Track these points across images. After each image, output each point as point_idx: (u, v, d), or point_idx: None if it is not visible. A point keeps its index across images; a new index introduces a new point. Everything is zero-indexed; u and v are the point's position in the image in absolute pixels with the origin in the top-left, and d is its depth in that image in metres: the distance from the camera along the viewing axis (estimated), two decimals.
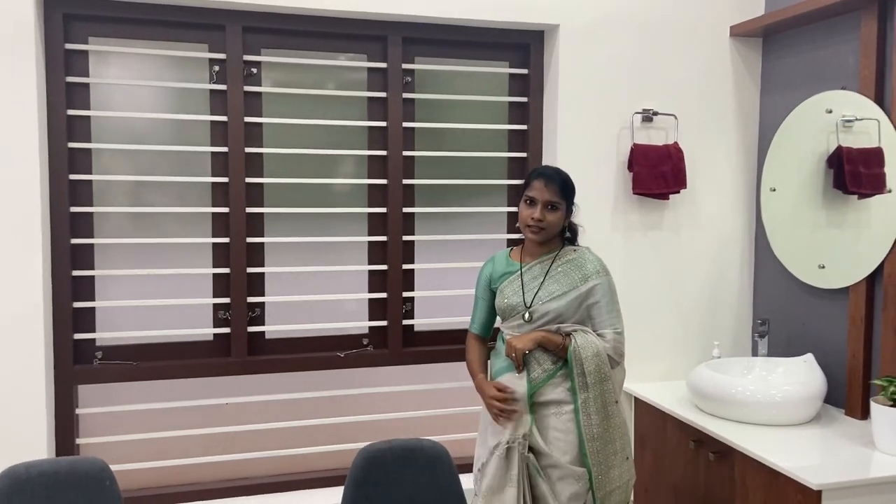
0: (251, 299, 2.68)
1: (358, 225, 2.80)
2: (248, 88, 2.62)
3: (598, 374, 2.11)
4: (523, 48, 2.90)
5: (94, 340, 2.58)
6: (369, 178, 2.78)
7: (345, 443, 2.77)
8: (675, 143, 2.86)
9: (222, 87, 2.59)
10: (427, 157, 2.84)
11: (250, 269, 2.66)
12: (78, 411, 2.56)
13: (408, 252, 2.84)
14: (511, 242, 2.93)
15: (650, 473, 2.77)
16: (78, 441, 2.56)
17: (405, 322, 2.84)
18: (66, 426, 2.51)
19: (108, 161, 2.58)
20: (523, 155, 2.93)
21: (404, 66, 2.76)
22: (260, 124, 2.65)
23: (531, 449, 2.12)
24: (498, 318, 2.36)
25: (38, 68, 2.33)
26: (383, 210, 2.78)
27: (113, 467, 1.83)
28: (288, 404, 2.76)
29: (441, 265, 2.88)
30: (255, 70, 2.64)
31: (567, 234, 2.32)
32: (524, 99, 2.91)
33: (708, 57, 2.93)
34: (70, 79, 2.47)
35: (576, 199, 2.28)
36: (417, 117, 2.82)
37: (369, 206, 2.80)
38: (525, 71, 2.90)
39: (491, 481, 2.14)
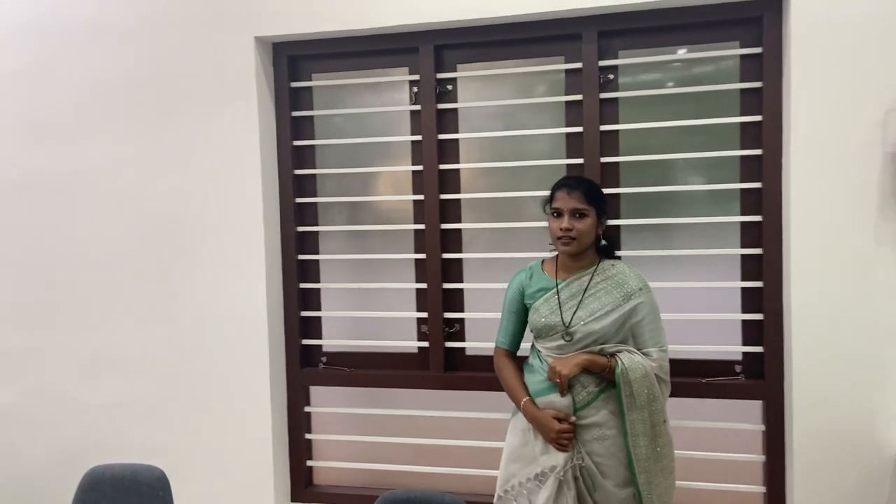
0: (449, 314, 2.69)
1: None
2: (441, 106, 2.64)
3: (648, 395, 2.01)
4: (750, 22, 2.39)
5: (320, 346, 2.86)
6: None
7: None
8: None
9: (416, 107, 2.66)
10: (635, 161, 2.53)
11: (447, 285, 2.68)
12: (308, 409, 2.87)
13: None
14: (745, 257, 2.45)
15: None
16: (309, 436, 2.88)
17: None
18: (296, 423, 2.84)
19: (335, 184, 2.84)
20: (757, 152, 2.41)
21: (602, 63, 2.49)
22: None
23: (581, 472, 2.05)
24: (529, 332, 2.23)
25: (261, 106, 2.67)
26: None
27: (325, 463, 1.99)
28: (486, 423, 2.70)
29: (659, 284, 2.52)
30: (449, 87, 2.65)
31: (602, 244, 2.18)
32: (758, 84, 2.39)
33: None
34: (295, 113, 2.78)
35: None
36: (623, 118, 2.52)
37: None
38: (758, 50, 2.38)
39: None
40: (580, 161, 2.53)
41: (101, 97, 2.77)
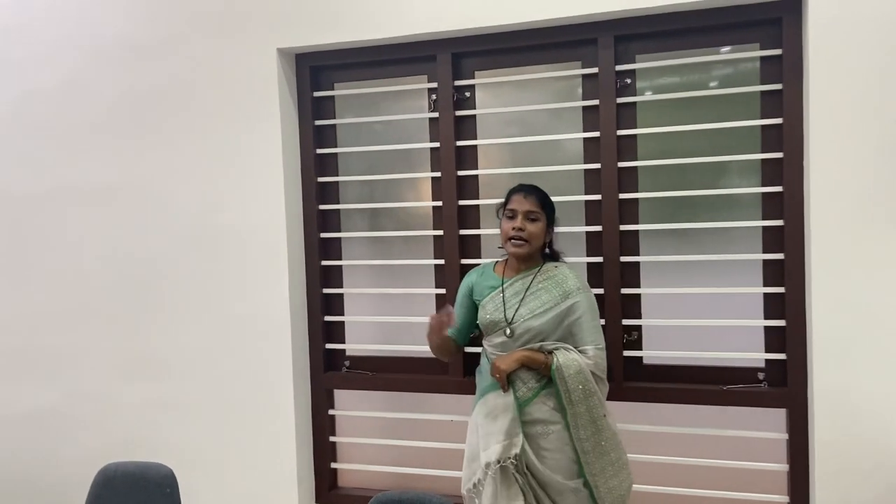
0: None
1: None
2: (458, 113, 2.67)
3: (584, 391, 2.09)
4: (770, 24, 2.35)
5: (343, 350, 2.91)
6: (587, 193, 2.57)
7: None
8: None
9: (435, 114, 2.70)
10: (657, 166, 2.51)
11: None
12: (332, 412, 2.93)
13: (632, 274, 2.54)
14: (767, 262, 2.41)
15: None
16: (333, 439, 2.93)
17: (627, 353, 2.54)
18: (320, 425, 2.89)
19: (358, 190, 2.89)
20: (778, 155, 2.37)
21: (619, 67, 2.48)
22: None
23: (527, 467, 2.12)
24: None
25: (284, 115, 2.74)
26: (598, 228, 2.54)
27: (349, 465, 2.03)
28: None
29: (678, 290, 2.50)
30: (467, 94, 2.67)
31: (547, 251, 2.29)
32: (778, 86, 2.35)
33: None
34: (318, 122, 2.84)
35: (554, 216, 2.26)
36: (641, 122, 2.51)
37: (586, 223, 2.58)
38: (778, 52, 2.35)
39: (491, 501, 2.12)
40: (597, 166, 2.52)
41: (131, 110, 2.88)
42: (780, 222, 2.39)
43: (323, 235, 2.87)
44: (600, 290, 2.53)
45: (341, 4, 2.62)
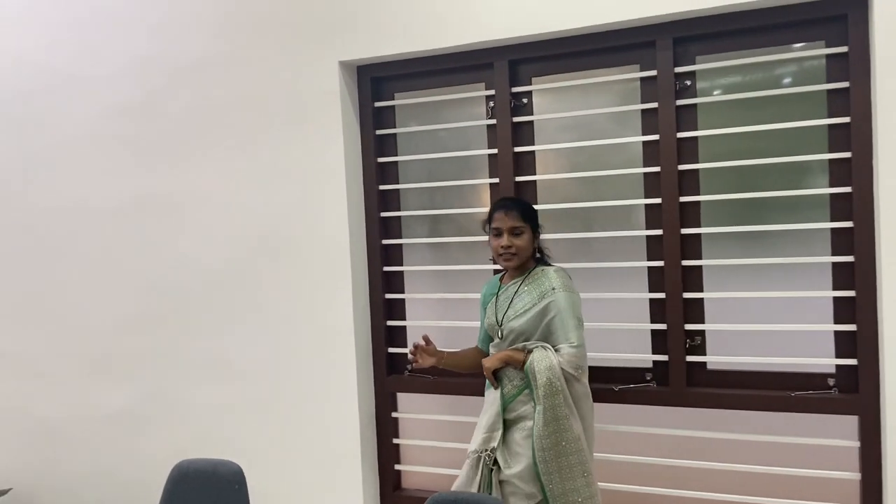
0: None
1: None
2: (516, 119, 2.69)
3: (549, 387, 2.16)
4: (835, 21, 2.30)
5: (405, 354, 2.97)
6: (646, 197, 2.56)
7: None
8: None
9: (492, 121, 2.73)
10: (720, 168, 2.47)
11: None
12: (395, 415, 2.99)
13: (694, 278, 2.51)
14: (836, 265, 2.36)
15: None
16: (396, 441, 2.99)
17: (690, 358, 2.51)
18: (384, 428, 2.96)
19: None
20: (846, 155, 2.31)
21: (678, 69, 2.46)
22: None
23: (496, 462, 2.25)
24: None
25: (346, 126, 2.82)
26: (659, 232, 2.53)
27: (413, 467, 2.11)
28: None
29: (743, 294, 2.46)
30: (524, 100, 2.70)
31: (538, 255, 2.41)
32: (845, 84, 2.29)
33: None
34: (379, 131, 2.92)
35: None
36: (703, 124, 2.48)
37: (646, 227, 2.57)
38: (844, 49, 2.29)
39: (460, 482, 2.33)
40: (657, 169, 2.50)
41: (203, 123, 3.02)
42: (849, 224, 2.32)
43: (384, 242, 2.93)
44: (661, 295, 2.52)
45: (399, 17, 2.69)
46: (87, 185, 3.26)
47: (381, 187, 2.93)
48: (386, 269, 2.94)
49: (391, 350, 2.96)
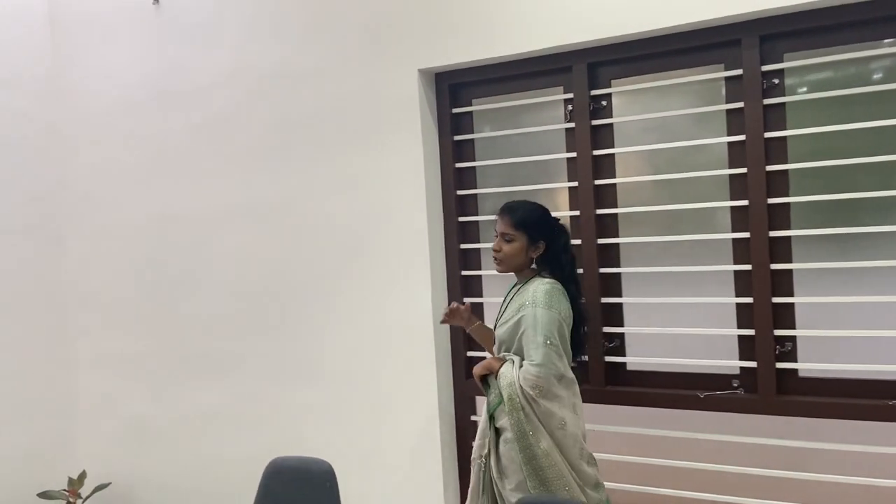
0: (608, 329, 2.69)
1: None
2: (595, 122, 2.67)
3: (511, 402, 2.17)
4: None
5: (483, 358, 2.97)
6: (732, 198, 2.49)
7: None
8: None
9: (571, 125, 2.71)
10: (809, 168, 2.39)
11: (605, 300, 2.69)
12: (474, 418, 3.00)
13: (784, 282, 2.43)
14: None
15: None
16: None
17: (780, 365, 2.43)
18: (464, 431, 2.98)
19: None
20: None
21: (765, 67, 2.39)
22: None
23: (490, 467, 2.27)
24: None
25: (425, 132, 2.86)
26: (746, 235, 2.45)
27: None
28: (650, 439, 2.66)
29: (835, 298, 2.37)
30: (604, 103, 2.67)
31: (533, 266, 2.38)
32: None
33: None
34: (457, 137, 2.95)
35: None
36: (793, 122, 2.40)
37: (732, 229, 2.50)
38: None
39: (470, 488, 2.36)
40: (744, 170, 2.44)
41: (286, 134, 3.12)
42: None
43: (463, 246, 2.96)
44: (749, 300, 2.45)
45: (477, 24, 2.71)
46: (183, 195, 3.42)
47: (459, 192, 2.95)
48: (464, 273, 2.97)
49: (470, 354, 2.98)
